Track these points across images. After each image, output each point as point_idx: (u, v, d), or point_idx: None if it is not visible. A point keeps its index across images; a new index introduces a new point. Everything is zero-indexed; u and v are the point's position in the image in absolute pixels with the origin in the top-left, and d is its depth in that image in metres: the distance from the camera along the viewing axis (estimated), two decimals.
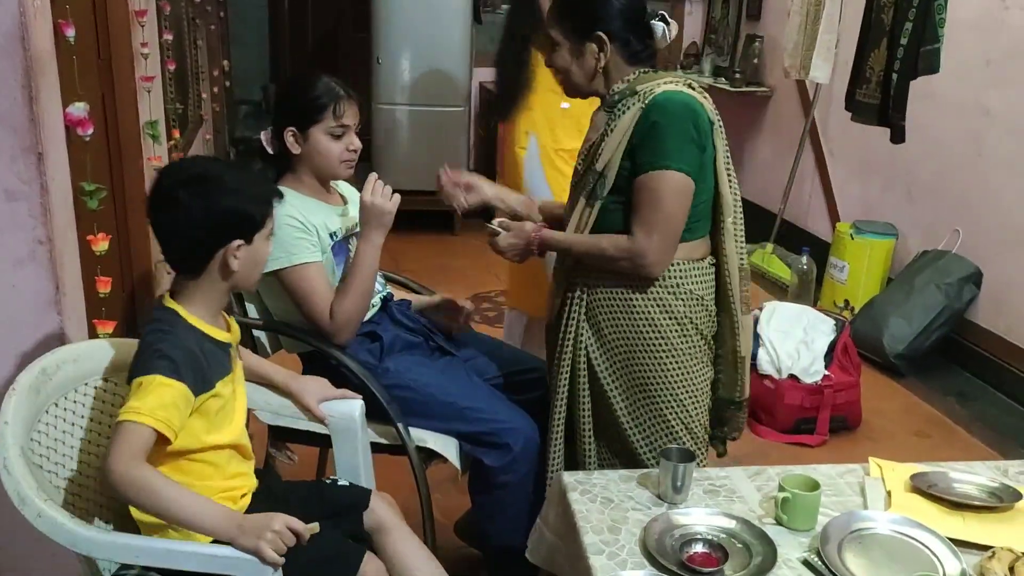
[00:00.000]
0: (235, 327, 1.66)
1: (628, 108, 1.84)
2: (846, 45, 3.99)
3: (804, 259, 4.16)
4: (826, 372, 3.16)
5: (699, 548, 1.53)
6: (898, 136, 3.57)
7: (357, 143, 2.05)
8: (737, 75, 5.13)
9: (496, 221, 2.05)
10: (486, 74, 5.53)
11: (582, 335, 1.93)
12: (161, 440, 1.42)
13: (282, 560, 1.35)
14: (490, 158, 5.32)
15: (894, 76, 3.44)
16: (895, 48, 3.45)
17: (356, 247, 2.02)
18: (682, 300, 1.88)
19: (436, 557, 1.81)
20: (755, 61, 5.18)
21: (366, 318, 2.08)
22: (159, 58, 3.59)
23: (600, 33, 1.86)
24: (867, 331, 3.67)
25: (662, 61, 1.94)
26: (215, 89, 5.80)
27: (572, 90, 1.97)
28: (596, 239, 1.89)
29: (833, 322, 3.32)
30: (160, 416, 1.40)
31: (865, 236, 4.03)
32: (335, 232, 2.07)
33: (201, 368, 1.50)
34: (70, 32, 1.99)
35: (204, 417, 1.52)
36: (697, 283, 1.90)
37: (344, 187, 2.24)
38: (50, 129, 1.94)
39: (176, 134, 3.87)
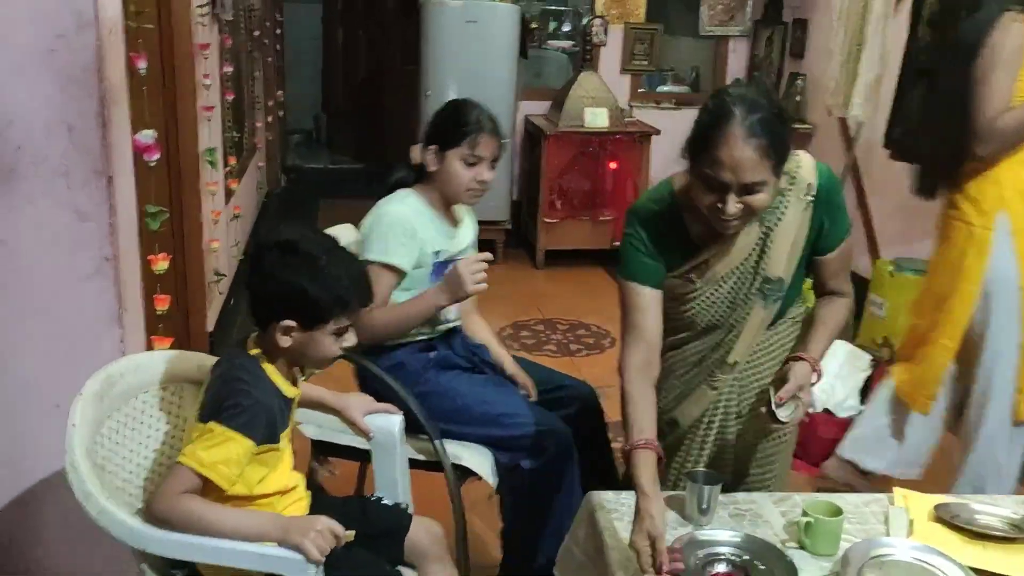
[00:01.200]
0: (299, 385, 1.71)
1: (788, 204, 1.77)
2: (887, 83, 4.03)
3: None
4: (861, 407, 3.17)
5: (722, 568, 1.57)
6: None
7: (488, 176, 2.15)
8: None
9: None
10: (530, 107, 5.68)
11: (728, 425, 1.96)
12: (215, 488, 1.50)
13: (323, 559, 1.43)
14: (533, 189, 5.43)
15: None
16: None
17: (426, 290, 2.12)
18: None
19: None
20: (798, 99, 5.23)
21: (429, 336, 2.19)
22: (219, 89, 3.77)
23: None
24: None
25: (705, 99, 1.92)
26: (269, 119, 6.01)
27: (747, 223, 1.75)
28: (835, 320, 1.90)
29: (869, 358, 3.33)
30: (221, 471, 1.48)
31: (905, 273, 4.03)
32: (440, 251, 2.18)
33: (273, 425, 1.56)
34: (142, 64, 2.14)
35: (263, 466, 1.59)
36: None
37: (464, 210, 2.33)
38: (120, 154, 2.08)
39: (232, 161, 4.05)
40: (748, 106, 1.61)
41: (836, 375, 3.23)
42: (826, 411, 3.15)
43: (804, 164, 1.81)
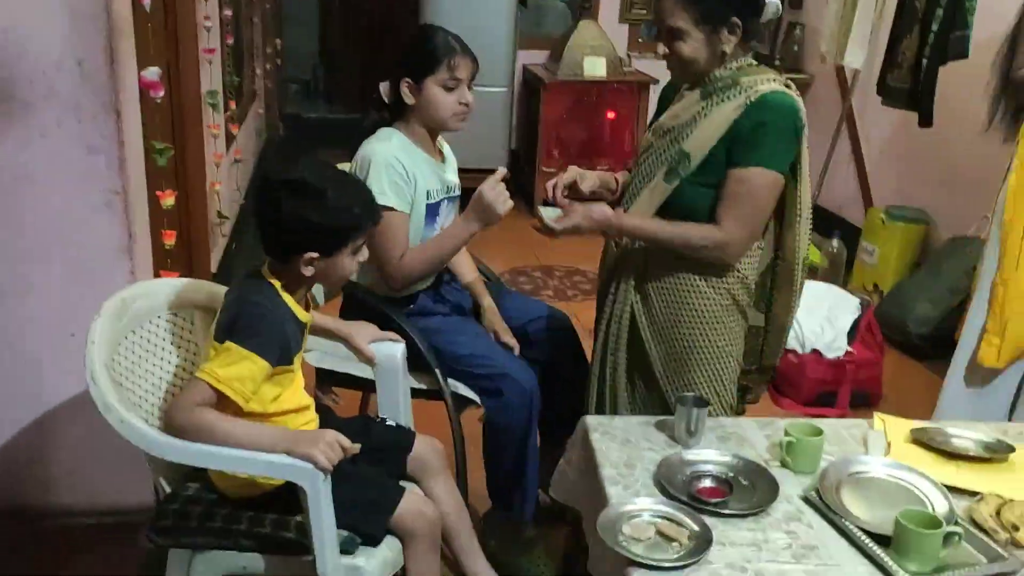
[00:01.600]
0: (311, 309, 1.77)
1: (729, 99, 1.90)
2: (882, 32, 4.06)
3: (834, 242, 4.24)
4: (849, 348, 3.26)
5: (707, 483, 1.66)
6: (925, 120, 3.64)
7: (469, 97, 2.14)
8: (778, 62, 5.20)
9: (543, 210, 2.03)
10: (529, 56, 5.68)
11: (629, 298, 2.07)
12: (231, 404, 1.57)
13: (331, 468, 1.52)
14: (531, 137, 5.46)
15: (924, 61, 3.52)
16: (926, 34, 3.52)
17: (454, 221, 2.14)
18: (729, 277, 2.01)
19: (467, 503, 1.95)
20: (796, 48, 5.25)
21: (421, 287, 2.22)
22: (219, 32, 3.78)
23: (735, 19, 1.87)
24: (893, 313, 3.75)
25: None
26: (268, 66, 6.01)
27: (692, 77, 1.96)
28: (684, 229, 1.95)
29: (858, 301, 3.41)
30: (236, 388, 1.55)
31: (896, 221, 4.10)
32: (431, 191, 2.17)
33: (287, 347, 1.64)
34: (147, 0, 2.17)
35: (277, 386, 1.66)
36: (746, 263, 2.02)
37: (447, 148, 2.33)
38: (127, 90, 2.13)
39: (232, 105, 4.08)
40: None
41: (825, 317, 3.31)
42: (815, 352, 3.24)
43: (767, 86, 1.89)
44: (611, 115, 5.27)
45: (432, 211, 2.19)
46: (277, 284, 1.65)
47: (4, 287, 2.12)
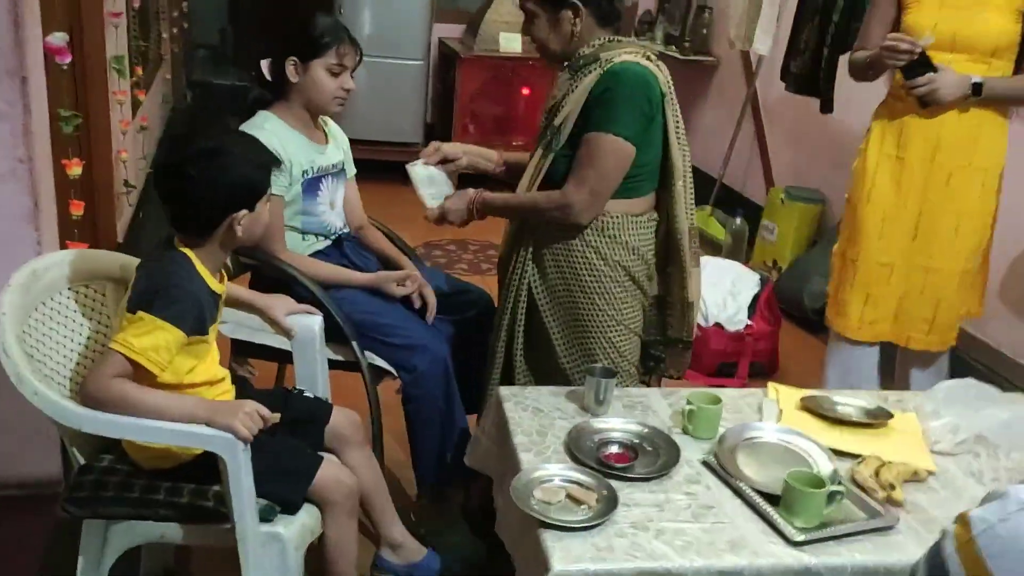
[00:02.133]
0: (225, 281, 1.77)
1: (589, 73, 2.02)
2: (787, 19, 4.22)
3: (737, 220, 4.42)
4: (748, 322, 3.42)
5: (614, 449, 1.76)
6: (827, 107, 3.82)
7: (351, 84, 2.21)
8: (687, 44, 5.33)
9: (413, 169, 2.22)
10: (445, 30, 5.68)
11: (528, 270, 2.14)
12: (146, 375, 1.57)
13: (251, 437, 1.54)
14: (446, 111, 5.47)
15: (825, 50, 3.69)
16: (827, 24, 3.69)
17: (363, 276, 2.26)
18: (619, 249, 2.09)
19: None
20: (704, 31, 5.39)
21: (318, 248, 2.26)
22: None
23: (574, 0, 2.00)
24: (790, 288, 3.94)
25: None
26: (174, 30, 5.83)
27: (550, 58, 2.11)
28: (531, 196, 2.10)
29: (758, 277, 3.58)
30: (152, 357, 1.55)
31: (794, 201, 4.29)
32: (308, 170, 2.22)
33: (202, 318, 1.64)
34: None
35: (192, 358, 1.66)
36: (634, 235, 2.11)
37: (333, 127, 2.38)
38: (32, 56, 2.07)
39: (139, 71, 3.96)
40: None
41: (728, 292, 3.47)
42: (717, 325, 3.39)
43: (621, 58, 2.01)
44: (526, 91, 5.34)
45: (312, 187, 2.24)
46: (191, 254, 1.65)
47: None
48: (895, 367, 2.74)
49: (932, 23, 2.34)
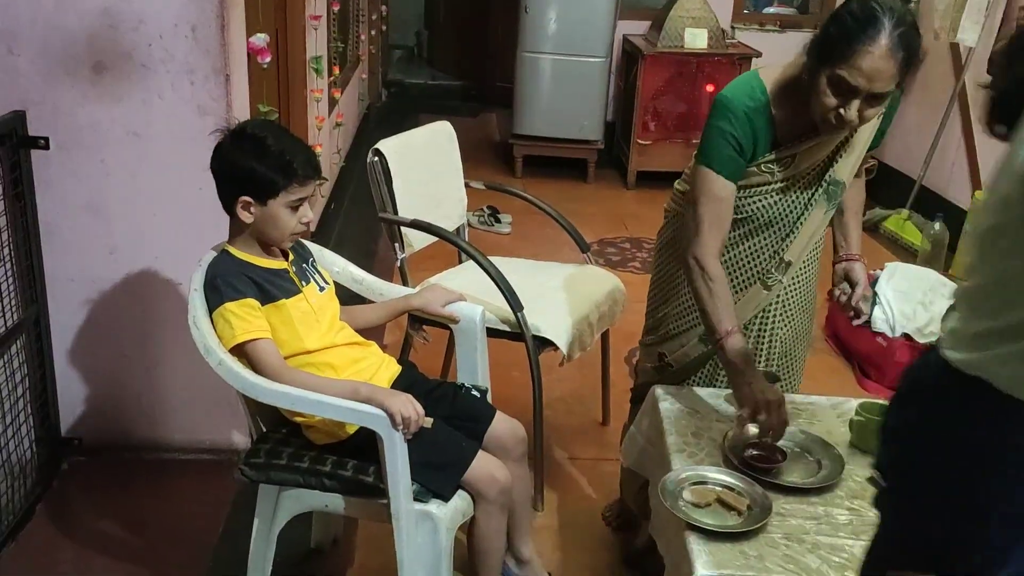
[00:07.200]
0: (289, 257, 1.82)
1: None
2: (998, 7, 3.87)
3: (936, 225, 4.11)
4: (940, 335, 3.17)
5: (760, 451, 1.68)
6: None
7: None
8: None
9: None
10: (629, 27, 5.65)
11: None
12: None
13: (402, 419, 1.61)
14: (627, 110, 5.44)
15: None
16: None
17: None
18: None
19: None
20: None
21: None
22: None
23: None
24: None
25: (813, 21, 1.99)
26: (373, 32, 6.15)
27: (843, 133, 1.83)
28: (859, 212, 2.05)
29: (955, 287, 3.31)
30: (256, 326, 1.66)
31: None
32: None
33: (261, 286, 1.71)
34: None
35: (298, 325, 1.73)
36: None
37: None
38: (236, 55, 2.25)
39: (336, 70, 4.22)
40: (896, 18, 1.60)
41: (920, 302, 3.23)
42: (905, 336, 3.17)
43: None
44: (710, 88, 5.20)
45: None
46: (228, 247, 1.76)
47: (120, 237, 2.29)
48: None
49: None
